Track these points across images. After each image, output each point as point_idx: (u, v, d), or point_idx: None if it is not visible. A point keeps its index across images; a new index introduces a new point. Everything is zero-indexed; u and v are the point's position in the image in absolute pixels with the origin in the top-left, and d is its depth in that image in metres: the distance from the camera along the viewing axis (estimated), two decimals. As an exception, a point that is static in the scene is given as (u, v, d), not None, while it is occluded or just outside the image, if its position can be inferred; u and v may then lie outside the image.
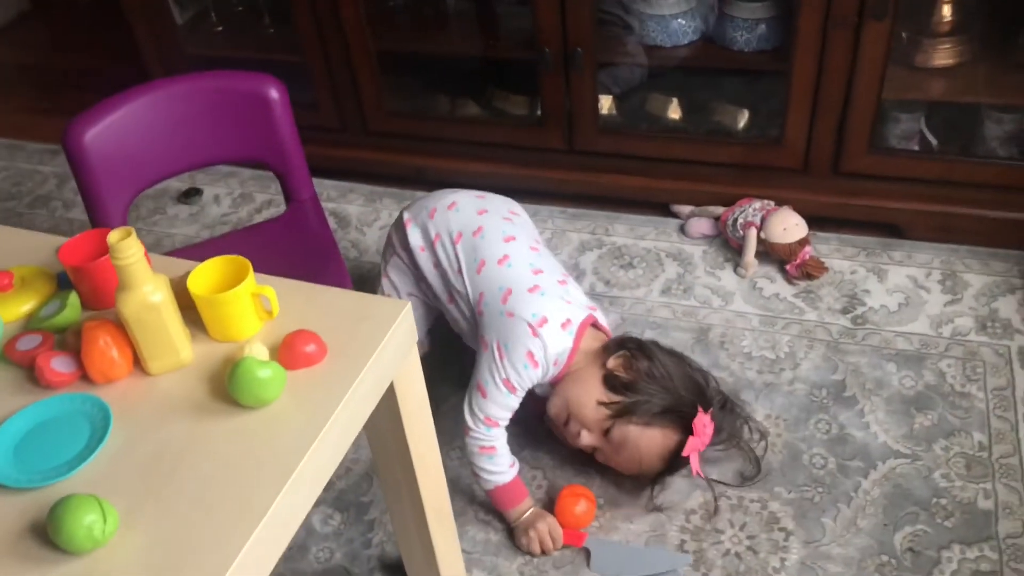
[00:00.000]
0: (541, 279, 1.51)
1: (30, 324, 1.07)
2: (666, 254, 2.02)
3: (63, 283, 1.14)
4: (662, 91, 2.19)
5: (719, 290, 1.91)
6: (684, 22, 1.99)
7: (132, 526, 0.85)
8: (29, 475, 0.90)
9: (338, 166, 2.33)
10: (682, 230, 2.07)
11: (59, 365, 0.99)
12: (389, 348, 1.03)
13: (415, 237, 1.62)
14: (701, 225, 2.04)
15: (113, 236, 0.92)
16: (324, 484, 0.95)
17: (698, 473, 1.45)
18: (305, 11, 2.10)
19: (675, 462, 1.46)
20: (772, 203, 1.97)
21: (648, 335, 1.81)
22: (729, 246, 2.00)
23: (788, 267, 1.90)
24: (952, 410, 1.61)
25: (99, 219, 1.55)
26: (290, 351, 0.98)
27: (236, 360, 0.94)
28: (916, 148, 1.99)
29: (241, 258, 1.04)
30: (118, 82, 2.90)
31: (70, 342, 1.02)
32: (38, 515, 0.86)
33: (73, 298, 1.08)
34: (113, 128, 1.54)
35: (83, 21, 3.38)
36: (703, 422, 1.43)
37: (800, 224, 1.92)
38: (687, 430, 1.42)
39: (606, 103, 2.18)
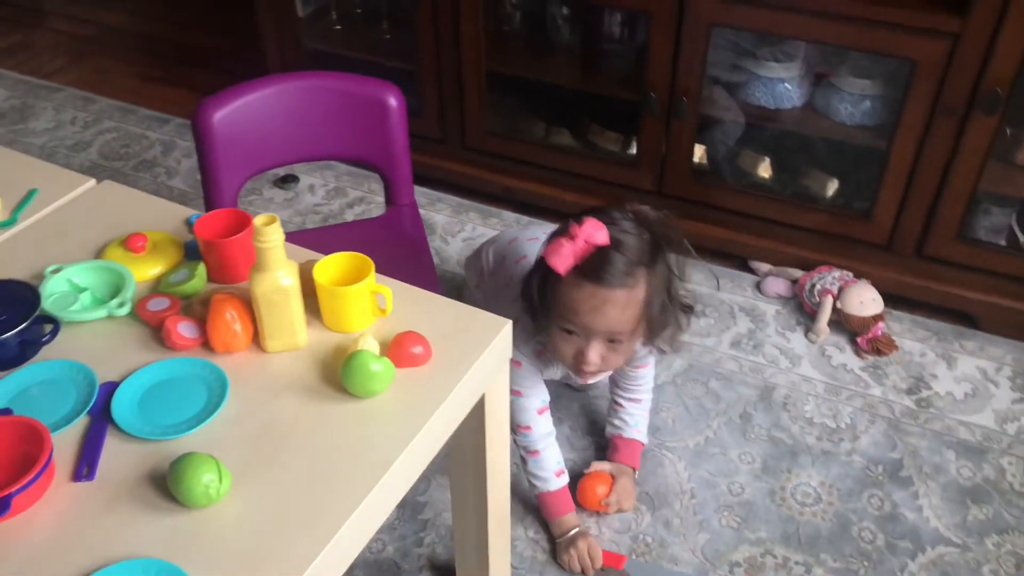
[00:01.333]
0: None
1: (159, 287, 1.15)
2: (739, 308, 2.05)
3: (190, 252, 1.21)
4: (755, 148, 2.23)
5: (788, 352, 1.93)
6: (790, 87, 2.04)
7: (241, 489, 0.91)
8: (151, 427, 0.97)
9: (431, 174, 2.40)
10: (758, 287, 2.10)
11: (184, 330, 1.06)
12: (487, 361, 1.09)
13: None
14: (778, 285, 2.08)
15: (260, 220, 0.99)
16: (415, 479, 1.00)
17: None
18: (427, 22, 2.19)
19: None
20: (851, 274, 2.00)
21: (713, 385, 1.84)
22: (803, 310, 2.02)
23: (859, 340, 1.92)
24: (1008, 508, 1.62)
25: (213, 194, 1.64)
26: (399, 349, 1.04)
27: (351, 351, 1.01)
28: (1003, 243, 2.00)
29: (364, 256, 1.11)
30: (231, 62, 3.05)
31: (196, 310, 1.10)
32: (156, 465, 0.92)
33: (201, 269, 1.15)
34: (240, 112, 1.63)
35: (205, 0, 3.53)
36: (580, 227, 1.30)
37: (876, 300, 1.94)
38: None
39: (699, 151, 2.22)
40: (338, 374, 1.02)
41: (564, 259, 1.31)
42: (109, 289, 1.14)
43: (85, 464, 0.93)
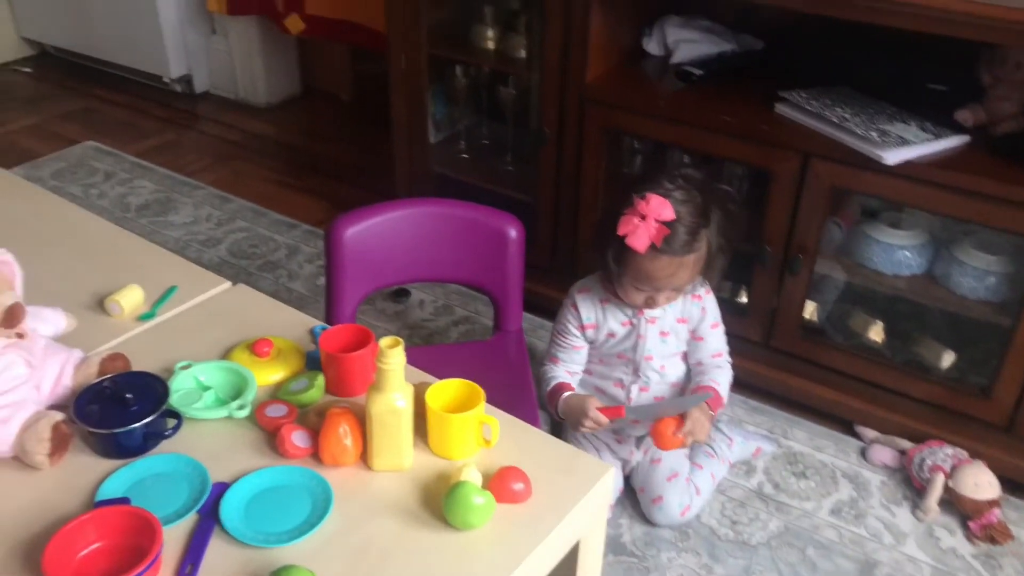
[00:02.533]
0: None
1: (279, 394, 1.20)
2: (842, 473, 1.98)
3: (311, 363, 1.27)
4: (868, 310, 2.19)
5: (893, 527, 1.84)
6: (910, 255, 2.01)
7: (333, 609, 0.92)
8: (255, 533, 0.99)
9: (537, 301, 2.44)
10: (863, 453, 2.03)
11: (298, 439, 1.10)
12: (587, 507, 1.08)
13: None
14: (884, 454, 2.00)
15: (385, 342, 1.03)
16: (503, 621, 0.99)
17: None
18: (550, 159, 2.27)
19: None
20: (965, 453, 1.91)
21: (810, 553, 1.76)
22: (910, 484, 1.93)
23: (972, 524, 1.81)
24: None
25: (336, 304, 1.71)
26: (501, 484, 1.05)
27: (455, 481, 1.02)
28: None
29: (476, 385, 1.13)
30: (361, 177, 3.22)
31: (311, 420, 1.13)
32: (255, 572, 0.94)
33: (320, 380, 1.20)
34: (370, 231, 1.71)
35: (342, 115, 3.77)
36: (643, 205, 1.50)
37: (993, 483, 1.84)
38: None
39: (810, 308, 2.20)
40: (438, 500, 1.03)
41: (641, 240, 1.50)
42: (232, 390, 1.20)
43: (189, 563, 0.96)
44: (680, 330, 1.74)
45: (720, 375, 1.77)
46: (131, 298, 1.35)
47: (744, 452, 1.98)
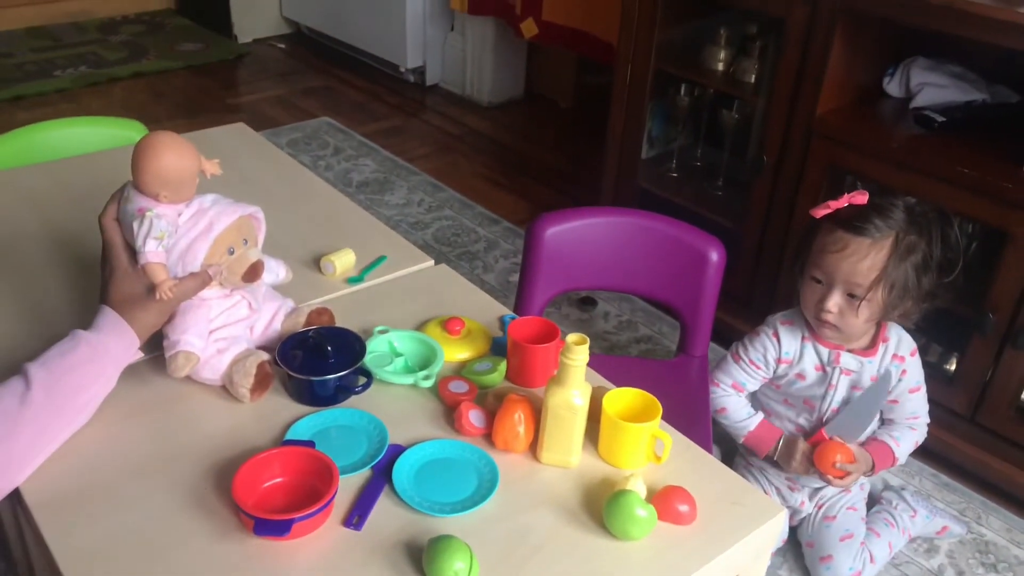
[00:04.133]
0: None
1: (463, 371, 1.23)
2: (1040, 575, 1.79)
3: (496, 348, 1.29)
4: (1099, 403, 1.96)
5: (1092, 646, 1.64)
6: None
7: (482, 587, 0.93)
8: (421, 499, 1.03)
9: (725, 332, 2.37)
10: (1068, 558, 1.82)
11: (474, 418, 1.13)
12: (751, 544, 1.04)
13: None
14: (1094, 564, 1.79)
15: (572, 338, 1.04)
16: (646, 639, 0.97)
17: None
18: (765, 190, 2.21)
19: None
20: None
21: (988, 652, 1.61)
22: (1121, 604, 1.72)
23: None
24: None
25: (526, 298, 1.74)
26: (665, 502, 1.03)
27: (620, 489, 1.01)
28: None
29: (654, 398, 1.12)
30: (568, 184, 3.27)
31: (489, 402, 1.16)
32: (416, 536, 0.97)
33: (502, 365, 1.22)
34: (570, 233, 1.73)
35: (559, 122, 3.84)
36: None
37: None
38: None
39: (1029, 389, 2.00)
40: (599, 505, 1.02)
41: (823, 209, 1.48)
42: (421, 360, 1.25)
43: (357, 514, 1.00)
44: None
45: (905, 435, 1.68)
46: (344, 260, 1.44)
47: (928, 528, 1.84)
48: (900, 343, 1.63)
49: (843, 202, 1.49)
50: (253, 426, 1.12)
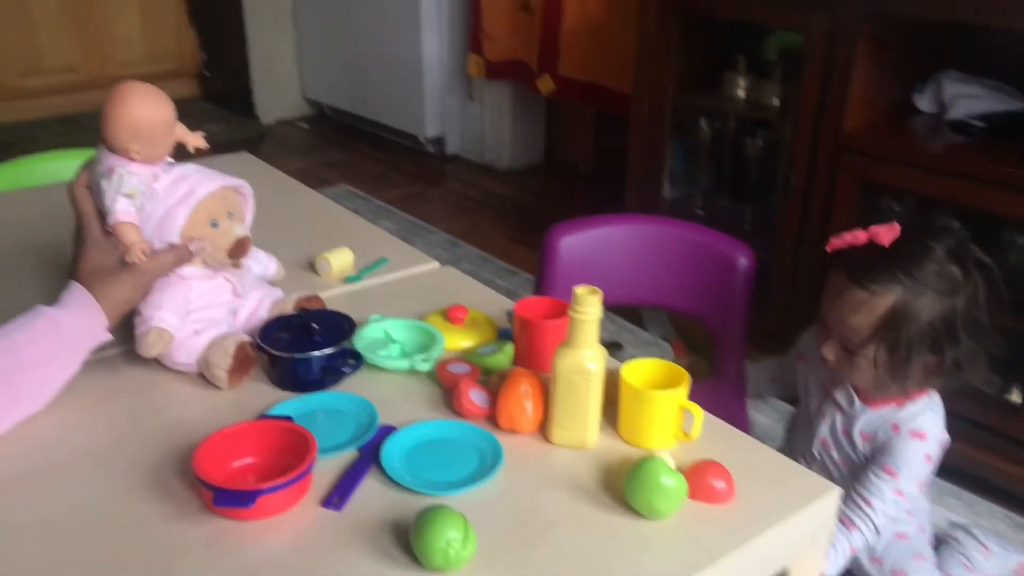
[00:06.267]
0: None
1: (465, 356, 1.11)
2: None
3: (503, 337, 1.17)
4: None
5: None
6: None
7: (482, 568, 0.78)
8: (413, 478, 0.89)
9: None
10: None
11: (476, 397, 0.99)
12: (800, 527, 0.88)
13: None
14: None
15: (581, 289, 0.92)
16: (679, 633, 0.80)
17: None
18: (795, 213, 2.09)
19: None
20: None
21: None
22: None
23: None
24: None
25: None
26: (697, 477, 0.88)
27: (643, 457, 0.86)
28: None
29: (679, 367, 0.98)
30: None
31: (493, 382, 1.03)
32: (405, 515, 0.83)
33: (509, 348, 1.09)
34: (587, 243, 1.62)
35: (579, 185, 3.79)
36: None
37: None
38: None
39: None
40: (621, 486, 0.87)
41: (838, 242, 1.28)
42: (419, 348, 1.12)
43: (338, 494, 0.87)
44: (859, 444, 1.39)
45: (839, 531, 1.35)
46: (341, 259, 1.34)
47: (1004, 565, 1.63)
48: (915, 419, 1.34)
49: (862, 237, 1.26)
50: (230, 414, 1.00)
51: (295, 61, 4.57)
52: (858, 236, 1.27)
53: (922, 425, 1.34)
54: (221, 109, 4.74)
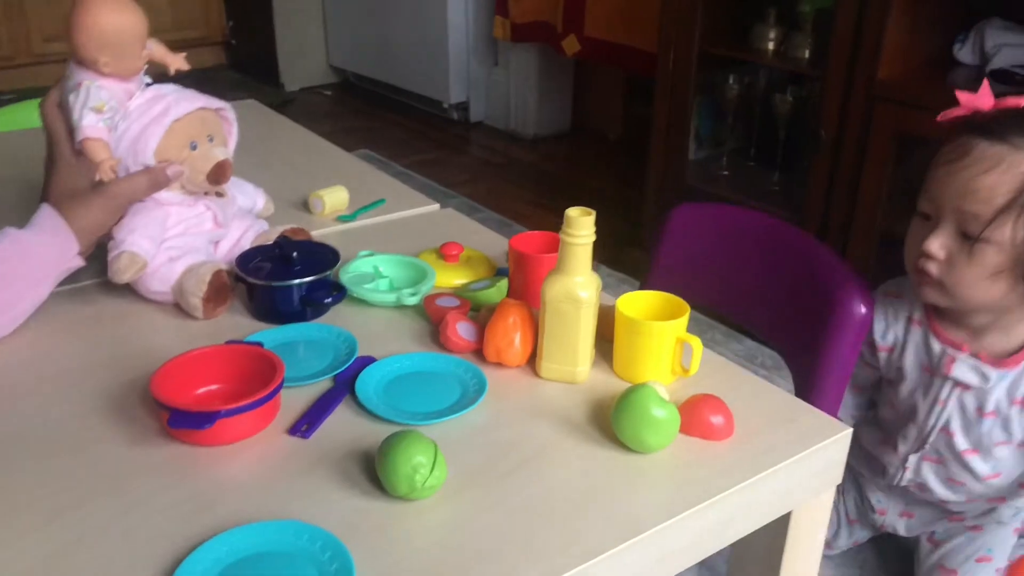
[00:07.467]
0: None
1: (456, 291, 1.05)
2: None
3: (500, 275, 1.11)
4: None
5: None
6: None
7: (452, 497, 0.72)
8: (388, 408, 0.83)
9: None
10: None
11: (463, 330, 0.93)
12: (804, 468, 0.81)
13: None
14: None
15: (573, 211, 0.85)
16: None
17: None
18: (824, 170, 2.00)
19: None
20: None
21: None
22: None
23: None
24: None
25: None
26: (692, 412, 0.81)
27: (632, 387, 0.80)
28: None
29: (680, 299, 0.91)
30: (616, 207, 3.09)
31: (482, 316, 0.96)
32: (374, 444, 0.77)
33: (503, 283, 1.03)
34: (704, 224, 1.32)
35: (607, 153, 3.70)
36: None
37: None
38: None
39: None
40: (611, 420, 0.81)
41: (955, 110, 1.05)
42: (408, 284, 1.06)
43: (306, 421, 0.81)
44: (1013, 416, 1.12)
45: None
46: (335, 197, 1.28)
47: None
48: None
49: (988, 102, 1.03)
50: (204, 342, 0.94)
51: (321, 28, 4.52)
52: (984, 99, 1.04)
53: None
54: (246, 77, 4.71)
